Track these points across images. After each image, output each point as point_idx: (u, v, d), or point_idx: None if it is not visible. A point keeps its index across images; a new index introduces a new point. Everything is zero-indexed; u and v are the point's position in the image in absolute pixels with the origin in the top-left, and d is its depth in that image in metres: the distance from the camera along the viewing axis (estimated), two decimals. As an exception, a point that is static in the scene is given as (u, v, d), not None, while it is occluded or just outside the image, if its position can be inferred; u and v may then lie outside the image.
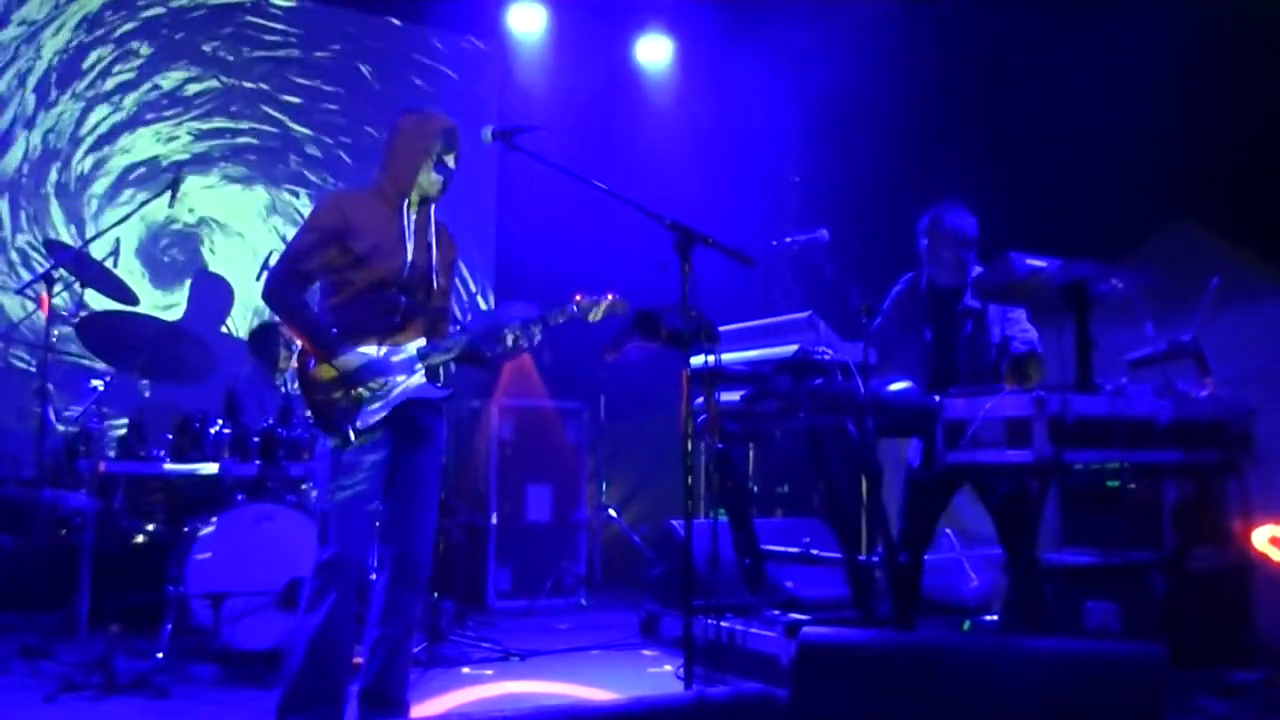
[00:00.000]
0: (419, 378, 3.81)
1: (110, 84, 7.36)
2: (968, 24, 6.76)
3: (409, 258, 3.81)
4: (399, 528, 3.87)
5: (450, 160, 3.87)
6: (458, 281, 8.14)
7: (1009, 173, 6.19)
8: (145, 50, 7.47)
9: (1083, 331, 4.01)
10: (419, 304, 3.86)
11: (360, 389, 3.73)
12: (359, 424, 3.70)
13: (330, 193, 4.02)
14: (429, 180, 3.83)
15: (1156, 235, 5.66)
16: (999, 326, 4.58)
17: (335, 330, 3.77)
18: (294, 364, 3.81)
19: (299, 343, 3.79)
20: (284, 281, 3.80)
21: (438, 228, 3.95)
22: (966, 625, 5.28)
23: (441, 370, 3.86)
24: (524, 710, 2.46)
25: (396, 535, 3.87)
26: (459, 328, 4.25)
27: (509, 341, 3.83)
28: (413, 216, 3.86)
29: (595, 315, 3.91)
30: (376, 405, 3.74)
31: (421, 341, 3.83)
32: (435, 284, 3.90)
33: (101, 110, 7.32)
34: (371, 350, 3.76)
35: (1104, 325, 4.10)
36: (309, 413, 3.81)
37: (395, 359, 3.78)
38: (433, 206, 3.93)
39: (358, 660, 3.94)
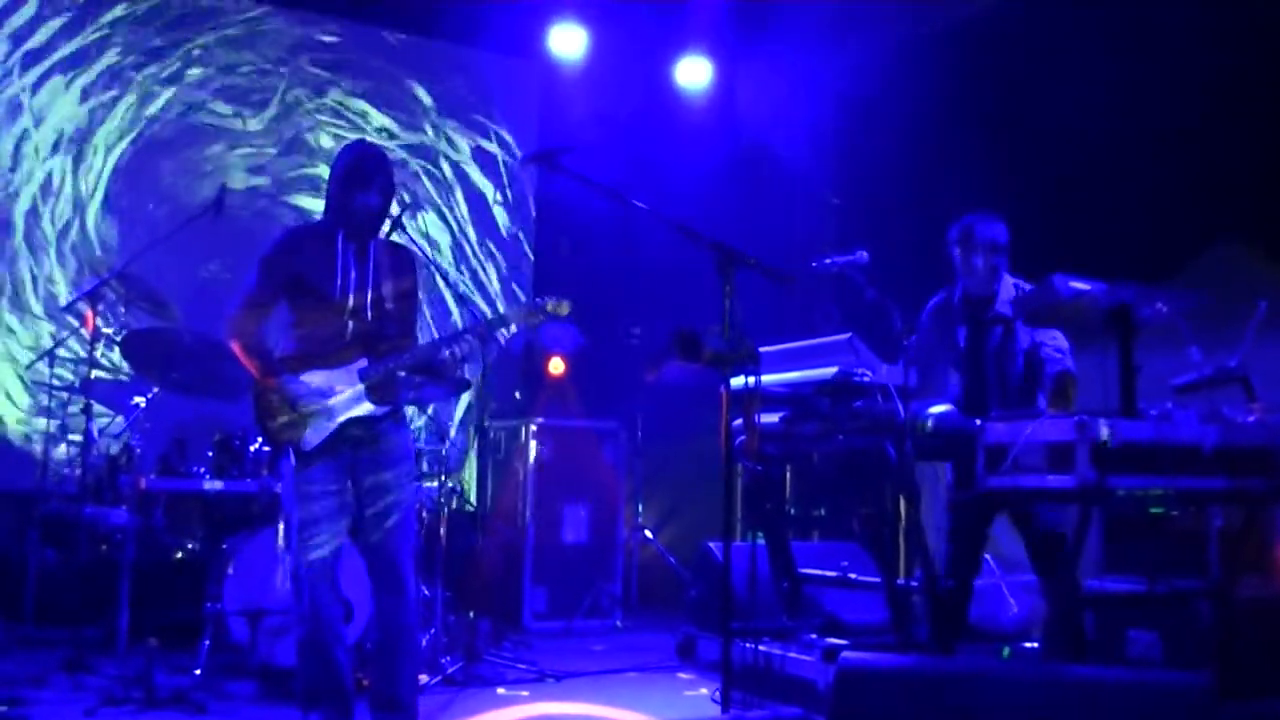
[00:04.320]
0: (359, 397, 4.00)
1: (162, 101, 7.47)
2: (1006, 43, 6.73)
3: (352, 284, 4.04)
4: (371, 538, 4.08)
5: (366, 188, 4.01)
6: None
7: (1052, 196, 6.15)
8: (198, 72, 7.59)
9: (1126, 355, 3.96)
10: (365, 328, 4.05)
11: (305, 411, 3.96)
12: (304, 445, 3.96)
13: (280, 230, 4.28)
14: (354, 206, 4.02)
15: (1202, 259, 5.59)
16: (1028, 334, 4.59)
17: (285, 356, 4.03)
18: None
19: (252, 372, 4.04)
20: (238, 315, 4.07)
21: (395, 254, 4.17)
22: (1006, 652, 5.21)
23: (383, 388, 4.03)
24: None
25: (370, 546, 4.09)
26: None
27: (446, 354, 4.01)
28: (352, 245, 4.07)
29: (533, 321, 4.09)
30: (320, 424, 3.97)
31: (363, 362, 4.02)
32: (380, 306, 4.08)
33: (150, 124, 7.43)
34: (316, 375, 3.99)
35: (1149, 350, 4.05)
36: (263, 438, 4.09)
37: (338, 382, 3.99)
38: (378, 231, 4.13)
39: (365, 682, 4.22)
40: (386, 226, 4.25)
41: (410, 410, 5.66)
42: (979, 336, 4.68)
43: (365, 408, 4.01)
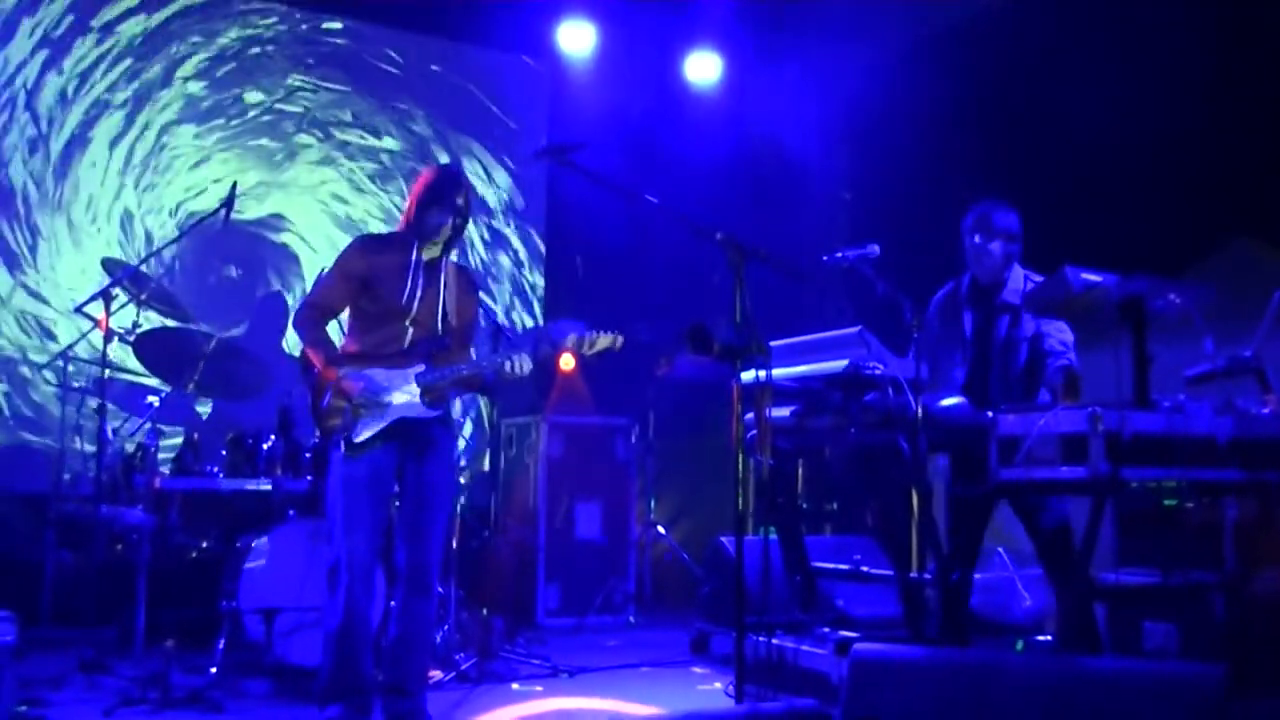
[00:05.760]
0: (414, 399, 4.22)
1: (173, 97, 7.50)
2: (1018, 39, 6.71)
3: (418, 294, 4.28)
4: (408, 537, 4.30)
5: (445, 207, 4.27)
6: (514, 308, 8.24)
7: (1064, 191, 6.13)
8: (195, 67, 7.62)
9: (1140, 347, 3.94)
10: (426, 336, 4.30)
11: (359, 407, 4.17)
12: (354, 437, 4.16)
13: (357, 239, 4.54)
14: (431, 224, 4.28)
15: (1216, 254, 5.57)
16: (1034, 322, 4.61)
17: (347, 353, 4.29)
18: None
19: (315, 365, 4.28)
20: (309, 315, 4.34)
21: (458, 271, 4.47)
22: (1019, 645, 5.21)
23: (436, 393, 4.26)
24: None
25: (407, 543, 4.30)
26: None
27: (507, 369, 4.22)
28: (425, 258, 4.33)
29: (589, 350, 4.25)
30: (373, 417, 4.18)
31: (421, 368, 4.25)
32: (445, 320, 4.34)
33: (155, 124, 7.46)
34: (375, 373, 4.20)
35: (1162, 342, 4.03)
36: (315, 426, 4.31)
37: (394, 382, 4.22)
38: (451, 250, 4.41)
39: None
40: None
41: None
42: (986, 324, 4.71)
43: (418, 408, 4.23)
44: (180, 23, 7.57)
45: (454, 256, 4.48)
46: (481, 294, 4.75)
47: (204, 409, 5.94)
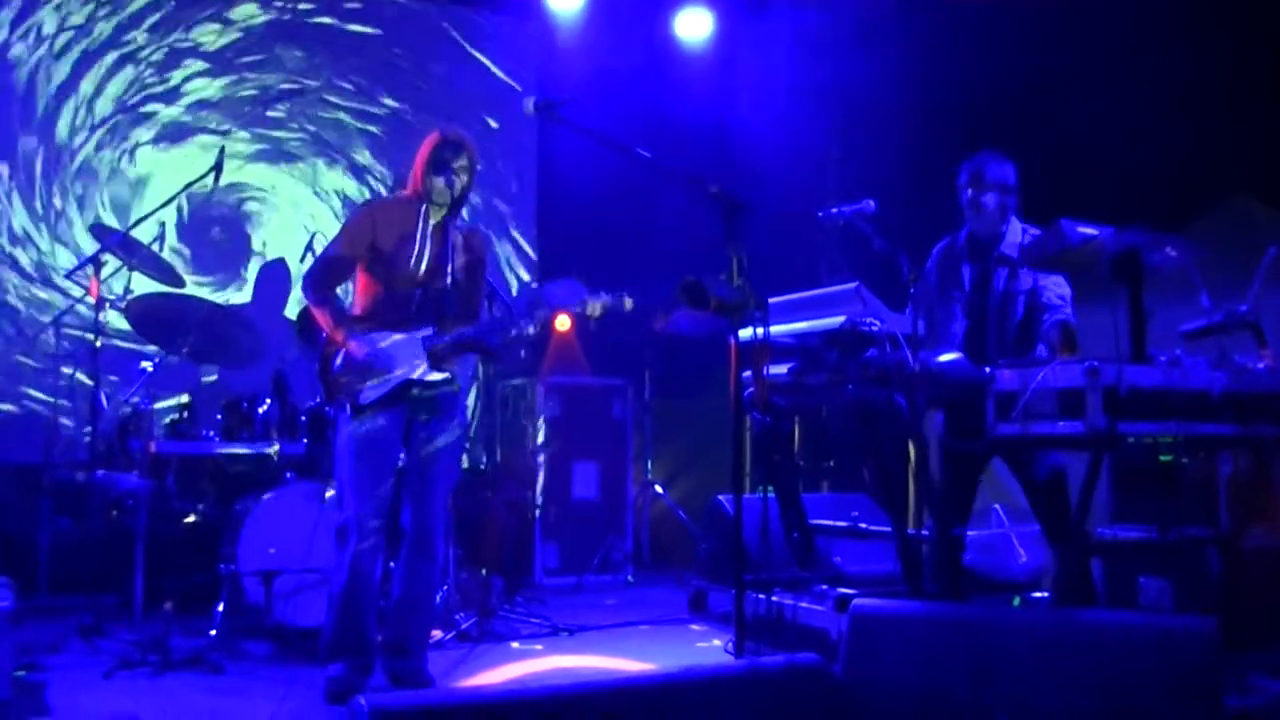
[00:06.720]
0: (421, 362, 4.23)
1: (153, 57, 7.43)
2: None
3: (426, 257, 4.30)
4: (415, 498, 4.35)
5: (451, 170, 4.30)
6: (508, 267, 8.22)
7: (1061, 145, 6.08)
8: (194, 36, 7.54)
9: (1136, 301, 3.94)
10: (434, 298, 4.31)
11: (367, 370, 4.20)
12: (360, 400, 4.19)
13: (364, 203, 4.63)
14: (437, 187, 4.29)
15: (1214, 208, 5.55)
16: (1031, 276, 4.58)
17: (355, 316, 4.31)
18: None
19: (323, 328, 4.32)
20: (318, 277, 4.37)
21: (466, 233, 4.47)
22: (1016, 602, 5.23)
23: (443, 356, 4.28)
24: (583, 680, 2.47)
25: (413, 505, 4.35)
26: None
27: (512, 333, 4.29)
28: (432, 220, 4.35)
29: (594, 312, 4.30)
30: (378, 384, 4.20)
31: (429, 332, 4.26)
32: (452, 281, 4.34)
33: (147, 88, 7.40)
34: (382, 336, 4.23)
35: (1158, 297, 4.03)
36: (322, 389, 4.37)
37: (402, 346, 4.24)
38: (458, 211, 4.42)
39: None
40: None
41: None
42: (983, 277, 4.68)
43: (425, 371, 4.25)
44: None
45: (465, 215, 4.52)
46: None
47: (210, 378, 5.93)
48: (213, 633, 4.87)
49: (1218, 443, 4.28)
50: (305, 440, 5.50)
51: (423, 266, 4.30)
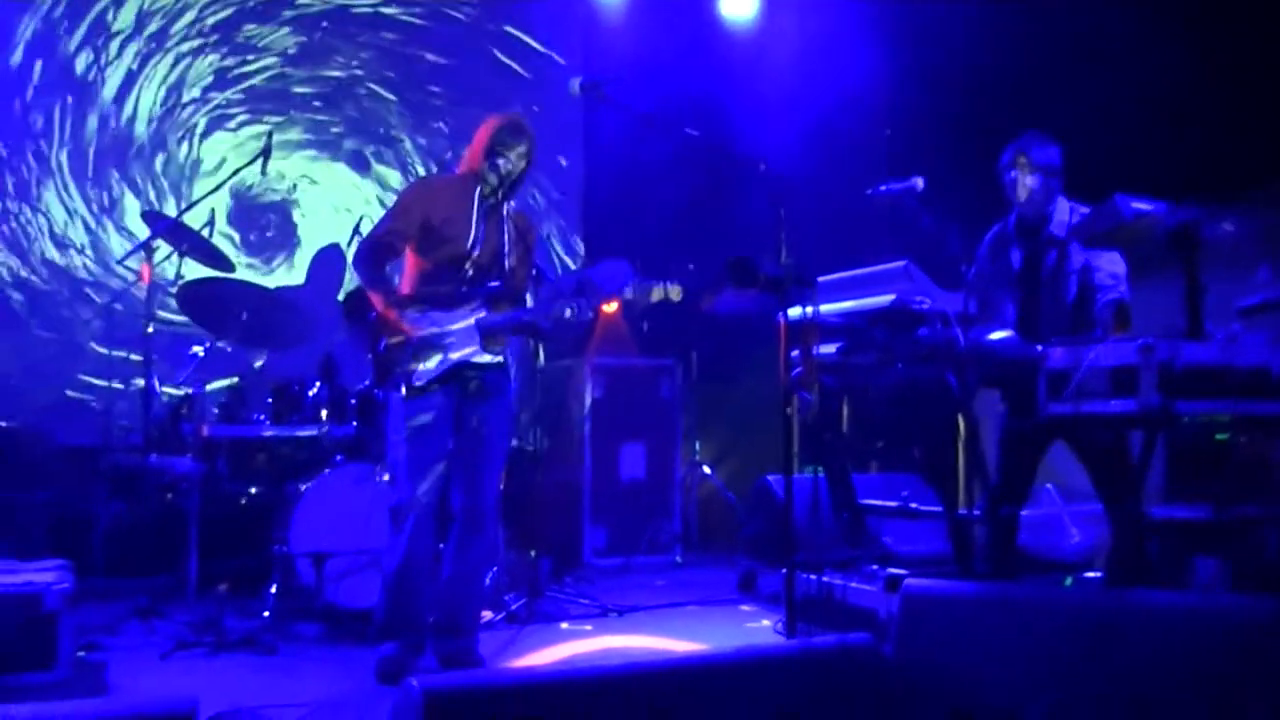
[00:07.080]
0: (474, 344, 4.26)
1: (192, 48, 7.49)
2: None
3: (479, 237, 4.31)
4: (466, 478, 4.36)
5: (510, 154, 4.30)
6: (553, 248, 8.23)
7: (1114, 116, 5.98)
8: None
9: (1192, 276, 3.86)
10: (485, 279, 4.32)
11: (420, 350, 4.20)
12: (414, 381, 4.19)
13: (417, 180, 4.62)
14: (495, 170, 4.30)
15: (1271, 180, 5.43)
16: (1082, 255, 4.51)
17: (408, 297, 4.29)
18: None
19: (375, 308, 4.30)
20: (369, 255, 4.34)
21: (515, 215, 4.48)
22: (1068, 582, 5.18)
23: (495, 338, 4.30)
24: (634, 660, 2.46)
25: (464, 485, 4.37)
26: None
27: (565, 315, 4.24)
28: (487, 202, 4.35)
29: (649, 299, 4.25)
30: (432, 365, 4.21)
31: (482, 313, 4.27)
32: (505, 263, 4.36)
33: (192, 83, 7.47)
34: (436, 315, 4.24)
35: (1215, 273, 3.95)
36: (374, 369, 4.36)
37: (455, 326, 4.25)
38: (513, 194, 4.42)
39: None
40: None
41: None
42: (1034, 259, 4.62)
43: (478, 353, 4.27)
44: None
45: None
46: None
47: (259, 362, 5.98)
48: (266, 614, 4.92)
49: (1275, 421, 4.20)
50: (354, 423, 5.53)
51: (478, 247, 4.31)
